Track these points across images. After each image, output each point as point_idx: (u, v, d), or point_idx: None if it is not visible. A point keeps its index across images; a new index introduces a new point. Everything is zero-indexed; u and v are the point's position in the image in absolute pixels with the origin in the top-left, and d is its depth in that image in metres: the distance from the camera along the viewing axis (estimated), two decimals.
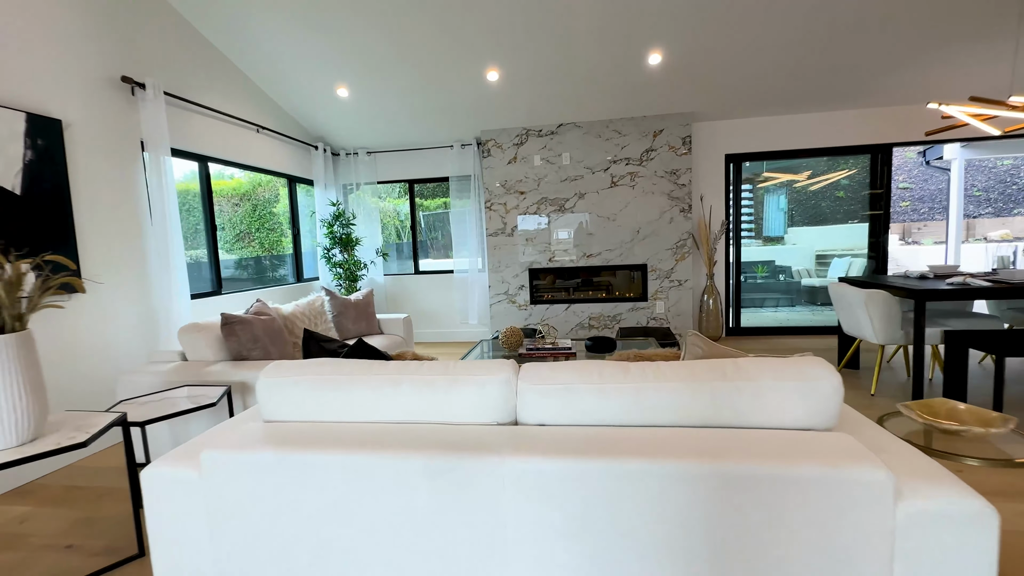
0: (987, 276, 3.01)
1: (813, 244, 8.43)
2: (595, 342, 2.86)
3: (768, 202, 8.68)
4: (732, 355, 1.47)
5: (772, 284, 7.74)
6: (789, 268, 8.27)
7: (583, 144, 4.84)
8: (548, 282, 5.26)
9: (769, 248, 8.64)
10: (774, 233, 9.01)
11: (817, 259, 8.24)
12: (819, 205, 9.33)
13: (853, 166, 6.82)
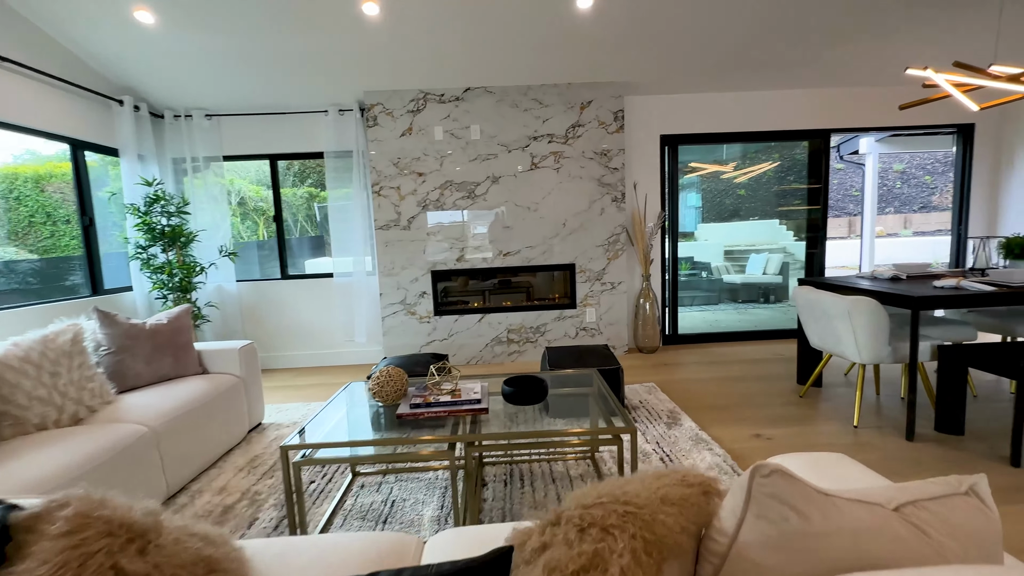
0: (979, 279, 2.53)
1: (722, 240, 8.29)
2: (517, 387, 1.92)
3: (682, 197, 8.41)
4: None
5: (696, 281, 7.42)
6: (709, 264, 8.06)
7: (496, 115, 3.87)
8: (458, 287, 4.24)
9: (685, 244, 8.39)
10: (687, 228, 8.82)
11: (726, 255, 8.10)
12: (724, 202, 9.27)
13: (773, 157, 6.62)
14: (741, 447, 2.35)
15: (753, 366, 3.65)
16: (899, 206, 13.20)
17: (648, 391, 3.14)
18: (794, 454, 1.17)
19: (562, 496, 1.97)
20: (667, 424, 2.60)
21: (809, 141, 4.39)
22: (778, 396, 3.00)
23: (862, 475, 1.05)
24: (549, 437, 1.65)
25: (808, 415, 2.69)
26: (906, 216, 13.03)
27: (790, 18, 3.22)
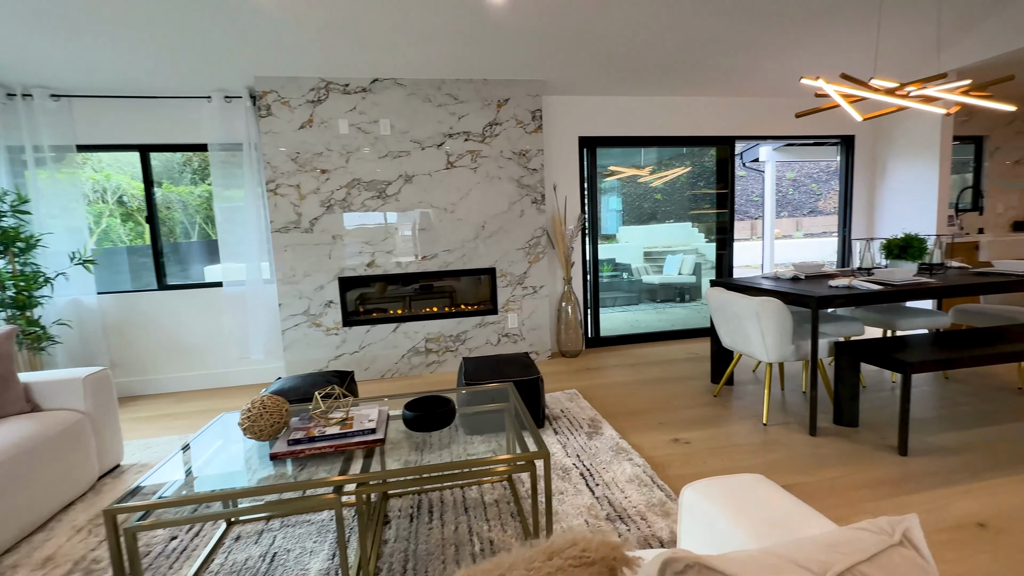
0: (867, 277, 2.69)
1: (641, 242, 8.61)
2: (420, 410, 1.69)
3: (604, 200, 8.64)
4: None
5: (617, 283, 7.59)
6: (629, 266, 8.31)
7: (408, 109, 3.61)
8: (374, 293, 3.91)
9: (607, 246, 8.59)
10: (609, 231, 9.07)
11: (646, 256, 8.42)
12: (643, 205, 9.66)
13: (680, 163, 6.93)
14: (661, 454, 2.30)
15: (671, 367, 3.70)
16: (792, 210, 14.61)
17: (570, 398, 3.05)
18: (713, 480, 1.07)
19: (475, 530, 1.78)
20: (588, 434, 2.51)
21: (717, 147, 4.58)
22: (694, 397, 3.03)
23: (781, 501, 0.96)
24: (448, 471, 1.44)
25: (722, 415, 2.73)
26: (797, 219, 14.45)
27: (693, 28, 3.29)
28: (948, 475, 2.01)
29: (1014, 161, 5.02)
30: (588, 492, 1.96)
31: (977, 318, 3.10)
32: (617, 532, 1.70)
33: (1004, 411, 2.60)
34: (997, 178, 5.01)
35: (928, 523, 1.70)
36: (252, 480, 1.50)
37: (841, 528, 0.63)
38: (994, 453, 2.16)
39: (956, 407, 2.70)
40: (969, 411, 2.63)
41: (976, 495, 1.85)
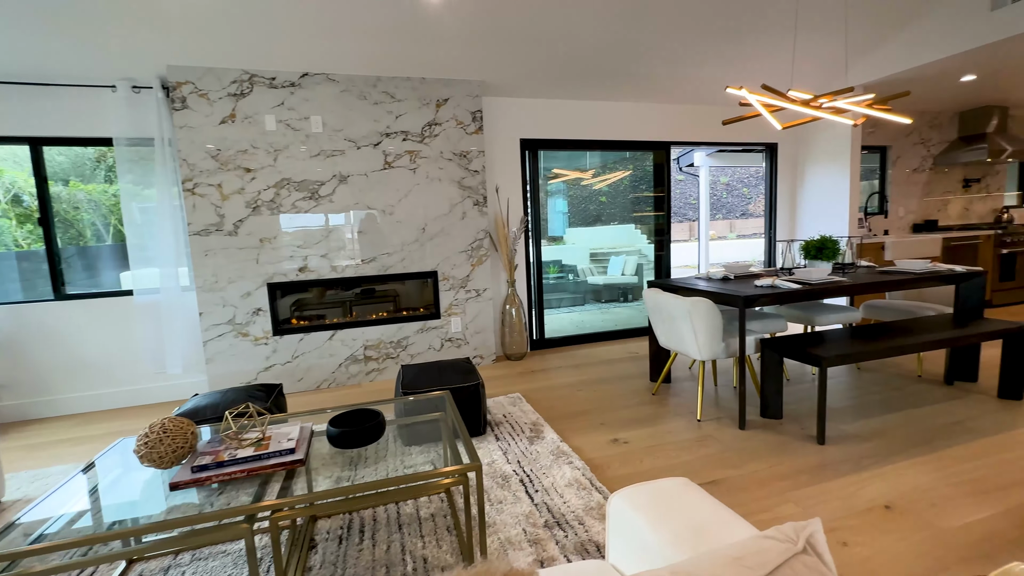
0: (788, 277, 2.85)
1: (588, 243, 8.79)
2: (346, 425, 1.59)
3: (551, 202, 8.76)
4: None
5: (563, 284, 7.69)
6: (575, 267, 8.45)
7: (342, 107, 3.45)
8: (310, 299, 3.70)
9: (553, 247, 8.70)
10: (556, 233, 9.20)
11: (592, 258, 8.61)
12: (588, 208, 9.89)
13: (623, 167, 7.13)
14: (600, 455, 2.31)
15: (613, 367, 3.76)
16: (726, 213, 15.48)
17: (513, 402, 3.02)
18: (639, 487, 1.06)
19: (408, 548, 1.69)
20: (530, 439, 2.48)
21: (654, 152, 4.73)
22: (634, 396, 3.09)
23: (703, 505, 0.96)
24: (370, 490, 1.36)
25: (660, 413, 2.79)
26: (731, 222, 15.33)
27: (627, 38, 3.37)
28: (860, 461, 2.15)
29: (912, 169, 5.55)
30: (527, 499, 1.93)
31: (884, 313, 3.37)
32: (555, 539, 1.68)
33: (907, 398, 2.84)
34: (899, 184, 5.52)
35: (842, 509, 1.81)
36: (153, 513, 1.35)
37: (750, 537, 0.63)
38: (898, 438, 2.34)
39: (868, 396, 2.91)
40: (878, 399, 2.85)
41: (884, 478, 2.00)
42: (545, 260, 7.98)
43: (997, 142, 5.25)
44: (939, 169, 5.68)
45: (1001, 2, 3.28)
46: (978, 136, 5.40)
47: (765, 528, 1.65)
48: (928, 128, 5.55)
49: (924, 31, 3.72)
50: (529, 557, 1.59)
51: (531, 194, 4.27)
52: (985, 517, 1.71)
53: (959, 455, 2.15)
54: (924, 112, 5.50)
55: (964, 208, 5.88)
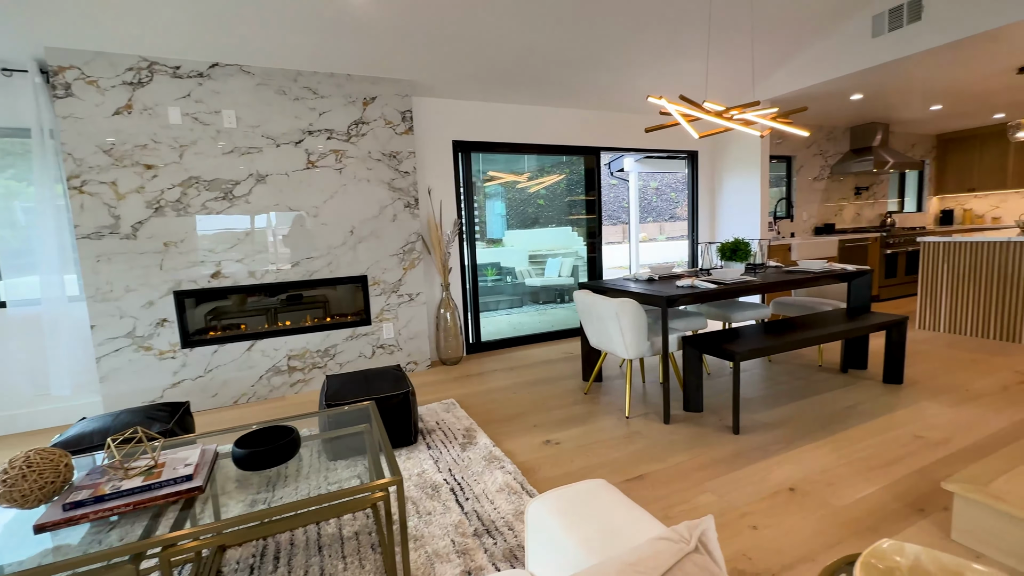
0: (705, 277, 3.02)
1: (526, 246, 8.90)
2: (255, 445, 1.47)
3: (489, 205, 8.79)
4: None
5: (501, 287, 7.71)
6: (513, 269, 8.51)
7: (258, 101, 3.23)
8: (229, 307, 3.42)
9: (492, 250, 8.73)
10: (495, 235, 9.24)
11: (531, 260, 8.73)
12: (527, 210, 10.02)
13: (559, 171, 7.29)
14: (532, 458, 2.32)
15: (547, 368, 3.81)
16: (656, 216, 16.30)
17: (446, 409, 2.96)
18: (556, 492, 1.06)
19: (328, 572, 1.60)
20: (462, 445, 2.44)
21: (585, 157, 4.86)
22: (567, 395, 3.14)
23: (616, 507, 0.97)
24: (277, 515, 1.27)
25: (591, 412, 2.86)
26: (661, 224, 16.17)
27: (554, 45, 3.44)
28: (769, 447, 2.32)
29: (813, 177, 6.12)
30: (457, 508, 1.89)
31: (790, 309, 3.67)
32: (484, 547, 1.65)
33: (809, 386, 3.10)
34: (803, 191, 6.06)
35: (753, 494, 1.93)
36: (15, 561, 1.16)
37: (647, 540, 0.63)
38: (802, 424, 2.55)
39: (777, 386, 3.15)
40: (786, 389, 3.10)
41: (789, 462, 2.16)
42: (483, 263, 7.97)
43: (881, 155, 5.92)
44: (835, 178, 6.31)
45: (880, 31, 3.69)
46: (866, 149, 6.06)
47: (681, 521, 1.72)
48: (825, 140, 6.15)
49: (817, 55, 4.10)
50: (456, 569, 1.56)
51: (465, 196, 4.23)
52: (872, 492, 1.90)
53: (852, 437, 2.38)
54: (822, 126, 6.09)
55: (856, 213, 6.57)
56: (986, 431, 2.37)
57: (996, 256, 3.91)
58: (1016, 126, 4.29)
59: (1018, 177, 6.39)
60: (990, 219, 7.01)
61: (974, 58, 3.74)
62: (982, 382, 3.02)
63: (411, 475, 2.15)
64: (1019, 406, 2.64)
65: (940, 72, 4.07)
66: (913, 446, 2.26)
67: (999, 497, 1.48)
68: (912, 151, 6.95)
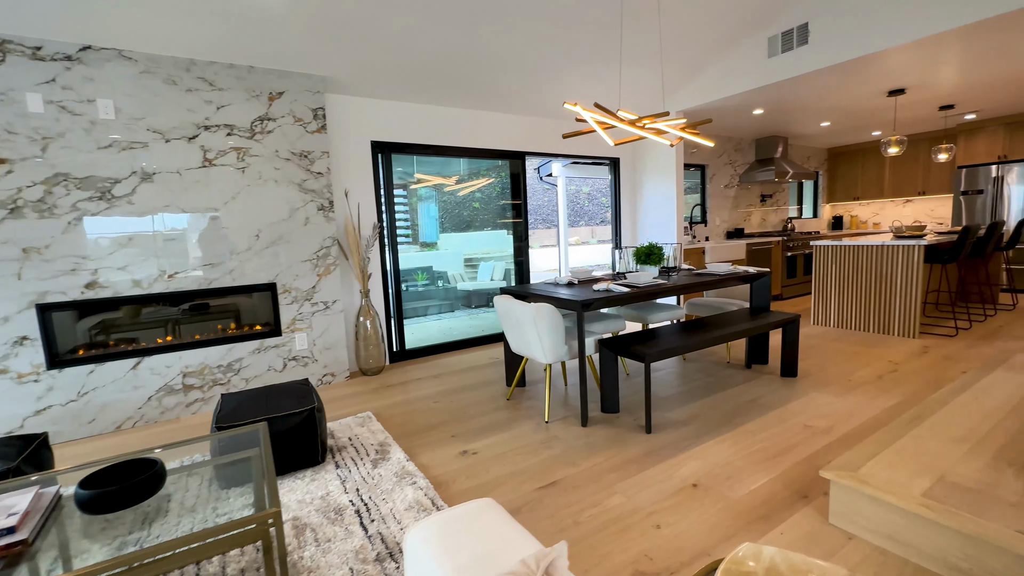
0: (620, 281, 3.11)
1: (461, 249, 8.82)
2: (107, 484, 1.28)
3: (422, 208, 8.62)
4: None
5: (433, 291, 7.55)
6: (446, 273, 8.38)
7: (143, 91, 2.90)
8: (120, 319, 3.03)
9: (426, 253, 8.55)
10: (429, 239, 9.07)
11: (466, 263, 8.66)
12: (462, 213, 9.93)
13: (493, 174, 7.28)
14: (447, 471, 2.24)
15: (473, 374, 3.75)
16: (588, 220, 16.82)
17: (362, 422, 2.81)
18: (438, 517, 1.00)
19: None
20: (374, 461, 2.32)
21: (511, 161, 4.87)
22: (489, 402, 3.10)
23: (495, 530, 0.93)
24: (135, 561, 1.11)
25: (512, 418, 2.83)
26: (593, 228, 16.70)
27: (472, 46, 3.41)
28: (678, 444, 2.40)
29: (724, 185, 6.56)
30: (361, 532, 1.77)
31: (702, 309, 3.88)
32: (384, 572, 1.55)
33: (718, 382, 3.28)
34: (716, 198, 6.47)
35: (659, 493, 1.98)
36: None
37: (496, 574, 0.59)
38: (709, 419, 2.68)
39: (689, 383, 3.31)
40: (698, 385, 3.25)
41: (695, 458, 2.25)
42: (415, 267, 7.76)
43: (782, 165, 6.46)
44: (743, 186, 6.80)
45: (774, 52, 4.01)
46: (769, 160, 6.59)
47: (590, 526, 1.73)
48: (734, 151, 6.61)
49: (722, 71, 4.39)
50: None
51: (386, 199, 4.08)
52: (764, 483, 2.02)
53: (751, 430, 2.53)
54: (731, 138, 6.54)
55: (762, 218, 7.13)
56: (863, 417, 2.61)
57: (873, 258, 4.38)
58: (887, 143, 4.84)
59: (893, 187, 7.24)
60: (872, 224, 7.89)
61: (852, 81, 4.17)
62: (862, 372, 3.35)
63: (314, 499, 2.00)
64: (890, 393, 2.94)
65: (826, 92, 4.50)
66: (802, 435, 2.44)
67: (865, 481, 1.62)
68: (808, 163, 7.67)
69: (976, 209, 6.21)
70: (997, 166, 5.98)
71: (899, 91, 4.55)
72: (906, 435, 1.92)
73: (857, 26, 3.48)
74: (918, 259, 4.09)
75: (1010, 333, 4.19)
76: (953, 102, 5.18)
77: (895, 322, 4.27)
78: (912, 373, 3.28)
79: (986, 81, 4.42)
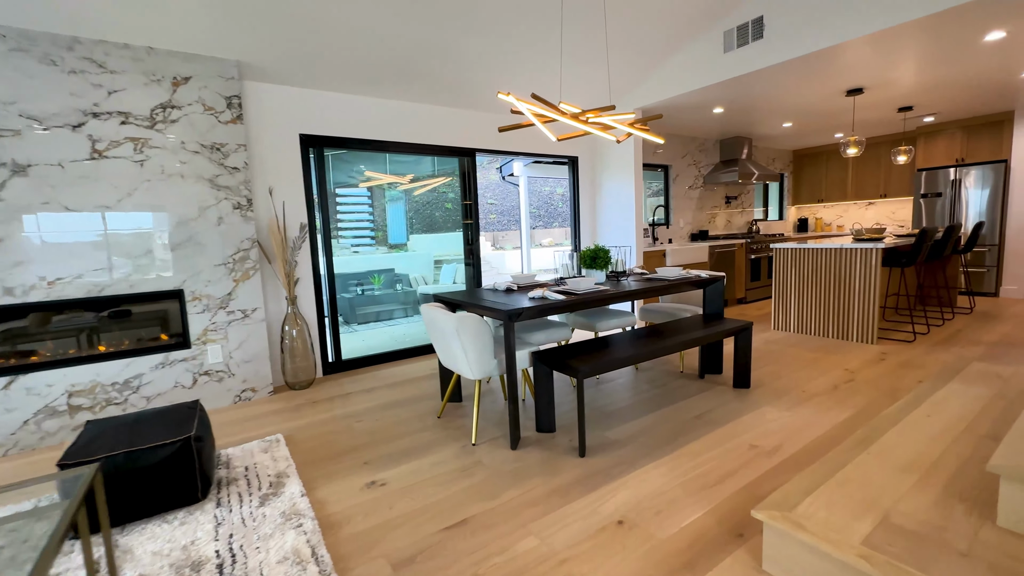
0: (558, 288, 2.87)
1: (431, 251, 8.53)
2: None
3: (391, 208, 8.33)
4: None
5: (389, 295, 7.22)
6: (407, 276, 8.06)
7: (13, 71, 2.54)
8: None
9: (394, 255, 8.24)
10: (398, 240, 8.76)
11: (436, 265, 8.38)
12: (434, 214, 9.63)
13: (451, 174, 7.00)
14: (344, 508, 1.96)
15: (409, 387, 3.46)
16: (561, 221, 16.69)
17: (267, 448, 2.50)
18: None
19: None
20: (263, 497, 2.01)
21: (460, 159, 4.59)
22: (417, 421, 2.82)
23: None
24: None
25: (436, 440, 2.56)
26: (565, 229, 16.57)
27: (415, 36, 3.13)
28: (611, 470, 2.17)
29: (688, 186, 6.42)
30: None
31: (655, 316, 3.67)
32: None
33: (667, 395, 3.07)
34: (679, 199, 6.32)
35: (580, 532, 1.74)
36: None
37: None
38: (651, 439, 2.46)
39: (638, 395, 3.08)
40: (646, 398, 3.03)
41: (627, 487, 2.01)
42: (374, 269, 7.41)
43: (747, 166, 6.35)
44: (708, 187, 6.68)
45: (730, 46, 3.84)
46: (733, 161, 6.47)
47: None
48: (698, 152, 6.48)
49: (678, 66, 4.21)
50: None
51: (319, 197, 3.76)
52: (698, 518, 1.79)
53: (694, 451, 2.31)
54: (694, 138, 6.40)
55: (727, 220, 7.02)
56: (812, 435, 2.42)
57: (832, 261, 4.25)
58: (846, 143, 4.74)
59: (856, 190, 7.22)
60: (836, 227, 7.87)
61: (810, 79, 4.03)
62: (817, 382, 3.18)
63: (173, 549, 1.69)
64: (843, 406, 2.77)
65: (785, 91, 4.36)
66: (746, 457, 2.23)
67: (800, 525, 1.40)
68: (773, 164, 7.60)
69: (936, 212, 6.21)
70: (955, 169, 5.98)
71: (857, 91, 4.45)
72: (851, 463, 1.72)
73: (811, 20, 3.33)
74: (876, 263, 3.97)
75: (968, 338, 4.11)
76: (912, 103, 5.12)
77: (854, 327, 4.15)
78: (867, 383, 3.13)
79: (943, 82, 4.35)
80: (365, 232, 7.95)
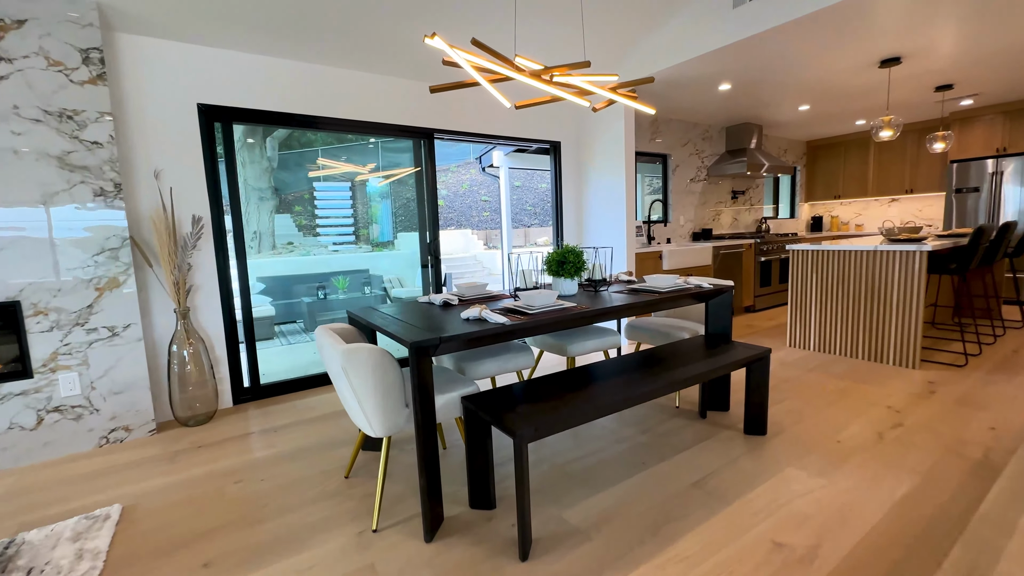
0: (507, 304, 2.12)
1: (418, 250, 7.78)
2: None
3: (382, 205, 7.63)
4: None
5: (356, 300, 6.49)
6: (381, 278, 7.33)
7: None
8: None
9: (376, 254, 7.52)
10: (384, 238, 8.06)
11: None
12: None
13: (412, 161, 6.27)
14: None
15: (333, 422, 2.73)
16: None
17: (85, 530, 1.76)
18: None
19: None
20: None
21: (414, 141, 3.85)
22: (318, 481, 2.09)
23: None
24: None
25: (326, 520, 1.82)
26: None
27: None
28: None
29: (690, 179, 5.65)
30: None
31: (644, 335, 2.92)
32: None
33: (656, 445, 2.32)
34: (679, 194, 5.56)
35: None
36: None
37: None
38: (626, 525, 1.71)
39: (617, 445, 2.34)
40: (627, 448, 2.29)
41: None
42: (345, 270, 6.65)
43: (756, 157, 5.58)
44: (712, 180, 5.91)
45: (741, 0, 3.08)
46: (741, 150, 5.70)
47: None
48: (701, 140, 5.71)
49: (677, 30, 3.45)
50: None
51: (229, 185, 3.02)
52: None
53: (685, 553, 1.57)
54: (697, 124, 5.64)
55: (734, 218, 6.25)
56: (862, 524, 1.67)
57: (863, 266, 3.49)
58: (879, 125, 3.98)
59: (878, 185, 6.44)
60: (854, 226, 7.09)
61: (840, 40, 3.26)
62: (853, 427, 2.43)
63: None
64: (898, 469, 2.02)
65: (807, 60, 3.59)
66: (769, 564, 1.48)
67: None
68: (785, 156, 6.83)
69: (969, 209, 5.43)
70: (995, 160, 5.20)
71: (894, 60, 3.68)
72: None
73: None
74: (920, 269, 3.21)
75: None
76: (953, 81, 4.35)
77: (890, 348, 3.39)
78: (922, 429, 2.38)
79: (990, 52, 3.57)
80: (345, 229, 7.22)
